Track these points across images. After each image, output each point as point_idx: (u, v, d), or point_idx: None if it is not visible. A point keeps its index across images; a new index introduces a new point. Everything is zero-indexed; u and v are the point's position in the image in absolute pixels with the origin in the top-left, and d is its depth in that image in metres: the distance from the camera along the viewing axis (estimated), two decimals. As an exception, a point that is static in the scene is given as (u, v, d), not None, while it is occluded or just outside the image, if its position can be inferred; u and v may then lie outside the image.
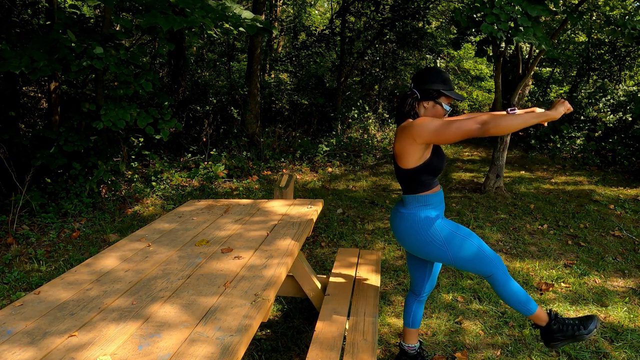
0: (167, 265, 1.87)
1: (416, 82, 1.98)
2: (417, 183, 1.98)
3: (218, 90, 9.28)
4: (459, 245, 1.94)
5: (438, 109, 1.96)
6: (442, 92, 1.94)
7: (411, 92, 1.98)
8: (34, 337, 1.36)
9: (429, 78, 1.95)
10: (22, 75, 5.55)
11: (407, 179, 1.99)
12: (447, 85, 1.95)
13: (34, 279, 3.40)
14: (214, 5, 4.29)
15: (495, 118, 1.72)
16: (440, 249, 1.96)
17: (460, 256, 1.94)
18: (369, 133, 9.53)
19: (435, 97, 1.95)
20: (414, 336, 2.32)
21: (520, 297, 1.96)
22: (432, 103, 1.96)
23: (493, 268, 1.94)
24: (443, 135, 1.80)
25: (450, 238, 1.95)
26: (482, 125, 1.73)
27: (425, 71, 1.98)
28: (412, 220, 1.99)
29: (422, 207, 2.00)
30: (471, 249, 1.94)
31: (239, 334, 1.34)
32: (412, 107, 1.97)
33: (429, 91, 1.95)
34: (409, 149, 1.91)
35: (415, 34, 9.95)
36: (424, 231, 1.97)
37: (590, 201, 5.48)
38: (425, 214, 1.99)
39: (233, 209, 2.71)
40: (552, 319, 1.99)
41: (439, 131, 1.80)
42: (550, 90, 11.85)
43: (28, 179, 4.56)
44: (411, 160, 1.93)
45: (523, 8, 4.10)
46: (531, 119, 1.73)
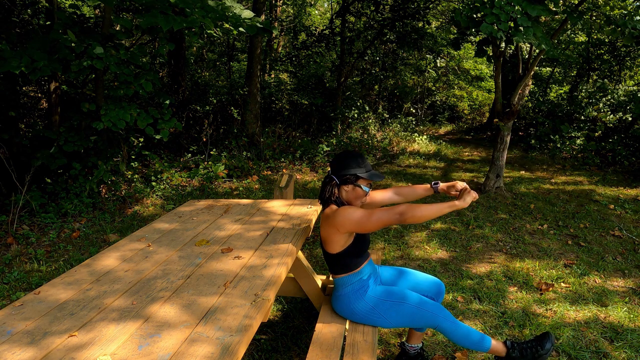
0: (167, 265, 1.87)
1: (333, 169, 2.08)
2: (344, 266, 2.09)
3: (218, 90, 9.29)
4: (396, 311, 2.04)
5: (358, 191, 2.06)
6: (359, 176, 2.03)
7: (330, 178, 2.08)
8: (33, 337, 1.36)
9: (345, 164, 2.05)
10: (22, 75, 5.55)
11: (334, 262, 2.10)
12: (363, 168, 2.05)
13: (34, 279, 3.40)
14: (214, 5, 4.29)
15: (412, 209, 1.86)
16: (381, 319, 2.06)
17: (402, 319, 2.05)
18: (369, 133, 9.53)
19: (353, 182, 2.04)
20: (419, 338, 2.33)
21: (472, 338, 2.04)
22: (351, 187, 2.05)
23: (437, 320, 2.03)
24: (365, 226, 1.93)
25: (385, 308, 2.05)
26: (400, 216, 1.87)
27: (341, 157, 2.08)
28: (346, 301, 2.10)
29: (350, 287, 2.10)
30: (409, 311, 2.03)
31: (239, 334, 1.34)
32: (332, 193, 2.07)
33: (346, 177, 2.04)
34: (333, 237, 2.03)
35: (415, 34, 9.95)
36: (360, 309, 2.08)
37: (590, 201, 5.48)
38: (355, 294, 2.09)
39: (233, 209, 2.71)
40: (509, 347, 2.06)
41: (360, 222, 1.92)
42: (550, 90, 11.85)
43: (28, 179, 4.56)
44: (336, 246, 2.05)
45: (523, 8, 4.10)
46: (443, 209, 1.88)
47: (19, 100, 5.91)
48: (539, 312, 2.93)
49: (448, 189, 2.12)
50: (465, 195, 1.93)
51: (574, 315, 2.90)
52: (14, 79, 5.39)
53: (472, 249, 3.99)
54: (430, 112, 13.87)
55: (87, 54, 4.32)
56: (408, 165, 7.80)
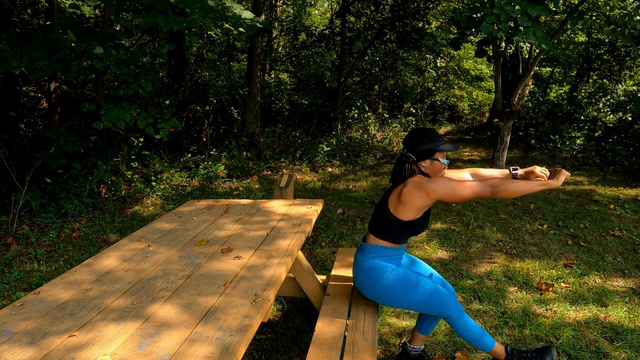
0: (167, 265, 1.87)
1: (408, 146, 2.05)
2: (391, 233, 2.07)
3: (218, 90, 9.28)
4: (413, 294, 2.04)
5: (436, 164, 2.03)
6: (436, 149, 2.01)
7: (406, 157, 2.04)
8: (34, 337, 1.36)
9: (419, 139, 2.02)
10: (22, 75, 5.55)
11: (389, 226, 2.06)
12: (439, 141, 2.02)
13: (34, 279, 3.40)
14: (214, 5, 4.29)
15: (505, 183, 1.87)
16: (397, 298, 2.06)
17: (416, 302, 2.05)
18: (369, 133, 9.53)
19: (430, 156, 2.01)
20: (421, 340, 2.33)
21: (477, 335, 2.05)
22: (429, 161, 2.02)
23: (448, 309, 2.04)
24: (458, 193, 1.91)
25: (404, 288, 2.04)
26: (492, 188, 1.87)
27: (414, 133, 2.05)
28: (369, 272, 2.09)
29: (378, 257, 2.09)
30: (424, 295, 2.03)
31: (239, 334, 1.34)
32: (412, 170, 2.03)
33: (423, 152, 2.02)
34: (417, 202, 1.97)
35: (415, 34, 9.95)
36: (380, 283, 2.07)
37: (590, 201, 5.48)
38: (380, 266, 2.08)
39: (233, 209, 2.71)
40: (509, 353, 2.07)
41: (455, 189, 1.90)
42: (550, 90, 11.85)
43: (28, 179, 4.56)
44: (410, 214, 2.01)
45: (523, 8, 4.10)
46: (535, 186, 1.89)
47: (19, 100, 5.91)
48: (539, 312, 2.93)
49: (528, 175, 2.05)
50: (559, 175, 1.92)
51: (574, 315, 2.90)
52: (14, 79, 5.39)
53: (472, 249, 3.99)
54: (430, 112, 13.87)
55: (87, 54, 4.32)
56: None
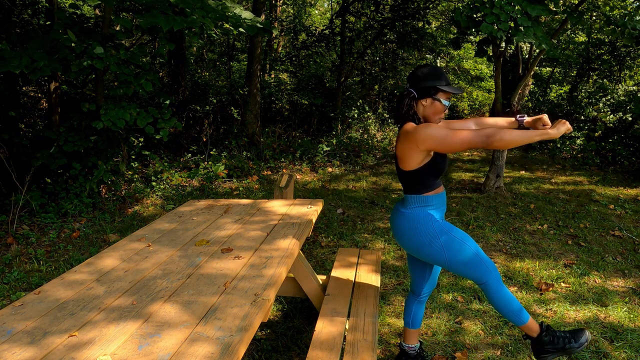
0: (167, 265, 1.87)
1: (411, 82, 1.97)
2: (419, 184, 1.98)
3: (218, 90, 9.28)
4: (457, 249, 1.94)
5: (437, 105, 1.95)
6: (439, 88, 1.93)
7: (407, 91, 1.97)
8: (34, 337, 1.36)
9: (423, 76, 1.94)
10: (22, 75, 5.55)
11: (409, 179, 1.99)
12: (443, 81, 1.94)
13: (34, 279, 3.40)
14: (214, 6, 4.29)
15: (500, 132, 1.74)
16: (438, 251, 1.95)
17: (457, 260, 1.94)
18: (369, 133, 9.52)
19: (432, 94, 1.94)
20: (414, 336, 2.32)
21: (512, 307, 1.94)
22: (430, 100, 1.94)
23: (487, 275, 1.94)
24: (447, 145, 1.81)
25: (448, 241, 1.94)
26: (487, 138, 1.75)
27: (419, 69, 1.97)
28: (412, 220, 1.99)
29: (423, 207, 2.00)
30: (468, 254, 1.93)
31: (239, 334, 1.34)
32: (410, 106, 1.96)
33: (425, 89, 1.93)
34: (411, 153, 1.91)
35: (415, 34, 9.95)
36: (423, 232, 1.97)
37: (590, 201, 5.48)
38: (425, 214, 1.98)
39: (233, 209, 2.71)
40: (544, 330, 1.98)
41: (444, 141, 1.81)
42: (550, 90, 11.84)
43: (28, 179, 4.56)
44: (413, 163, 1.94)
45: (523, 8, 4.10)
46: (533, 136, 1.76)
47: (19, 100, 5.91)
48: (539, 312, 2.93)
49: (535, 123, 1.96)
50: (559, 125, 1.80)
51: (574, 315, 2.90)
52: (14, 79, 5.39)
53: (472, 249, 3.99)
54: (430, 112, 13.84)
55: (87, 54, 4.32)
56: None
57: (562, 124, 1.80)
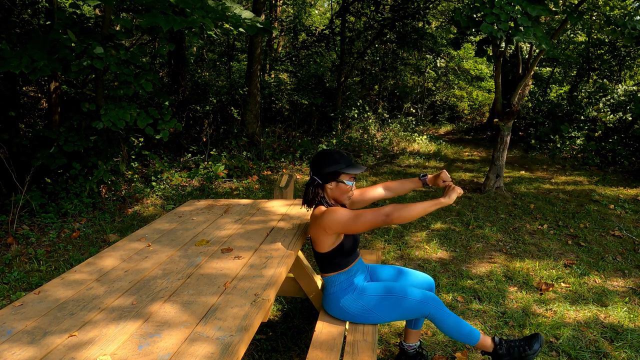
0: (167, 265, 1.87)
1: (313, 169, 2.07)
2: (333, 265, 2.10)
3: (218, 90, 9.28)
4: (387, 306, 2.05)
5: (342, 186, 2.06)
6: (340, 172, 2.04)
7: (312, 179, 2.08)
8: (34, 337, 1.36)
9: (323, 162, 2.05)
10: (22, 75, 5.55)
11: (324, 261, 2.11)
12: (342, 163, 2.04)
13: (34, 279, 3.40)
14: (214, 6, 4.29)
15: (398, 209, 1.88)
16: (375, 316, 2.06)
17: (395, 313, 2.05)
18: (369, 133, 9.53)
19: (335, 178, 2.05)
20: (415, 336, 2.33)
21: (461, 330, 2.03)
22: (334, 183, 2.05)
23: (428, 308, 2.03)
24: (352, 228, 1.94)
25: (377, 304, 2.06)
26: (386, 217, 1.88)
27: (319, 157, 2.08)
28: (337, 303, 2.11)
29: (340, 286, 2.11)
30: (400, 303, 2.03)
31: (239, 334, 1.34)
32: (316, 193, 2.07)
33: (327, 174, 2.04)
34: (321, 237, 2.04)
35: (415, 34, 9.95)
36: (349, 307, 2.09)
37: (590, 201, 5.48)
38: (345, 292, 2.10)
39: (233, 209, 2.71)
40: (497, 344, 2.06)
41: (347, 224, 1.94)
42: (550, 90, 11.85)
43: (28, 179, 4.56)
44: (325, 246, 2.05)
45: (523, 8, 4.10)
46: (429, 207, 1.89)
47: (19, 100, 5.91)
48: (539, 312, 2.93)
49: (436, 180, 2.14)
50: (450, 192, 1.93)
51: (574, 315, 2.90)
52: (14, 79, 5.39)
53: (472, 249, 3.99)
54: (430, 112, 13.87)
55: (87, 54, 4.32)
56: (408, 165, 7.80)
57: (453, 190, 1.94)
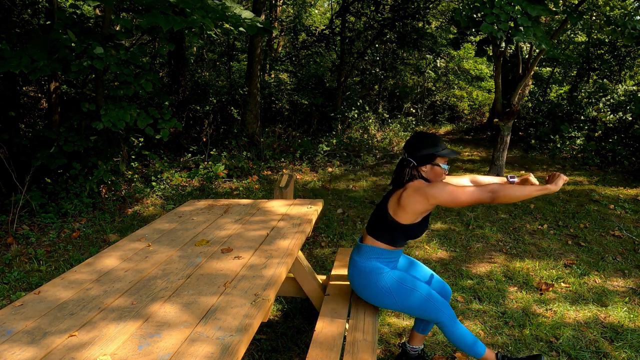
0: (167, 265, 1.87)
1: (409, 151, 2.05)
2: (391, 236, 2.06)
3: (218, 90, 9.29)
4: (407, 296, 2.04)
5: (437, 169, 2.03)
6: (437, 155, 2.01)
7: (407, 161, 2.04)
8: (34, 337, 1.36)
9: (420, 144, 2.02)
10: (22, 75, 5.55)
11: (388, 228, 2.05)
12: (439, 147, 2.03)
13: (34, 279, 3.40)
14: (214, 5, 4.29)
15: (504, 189, 1.89)
16: (389, 299, 2.06)
17: (409, 305, 2.05)
18: (369, 133, 9.52)
19: (431, 161, 2.01)
20: (420, 340, 2.33)
21: (468, 341, 2.05)
22: (429, 166, 2.03)
23: (440, 315, 2.04)
24: (458, 198, 1.92)
25: (398, 291, 2.04)
26: (492, 194, 1.89)
27: (415, 138, 2.05)
28: (362, 272, 2.09)
29: (374, 258, 2.09)
30: (418, 299, 2.04)
31: (239, 334, 1.34)
32: (412, 175, 2.03)
33: (424, 157, 2.02)
34: (416, 206, 1.97)
35: (415, 34, 9.95)
36: (373, 283, 2.07)
37: (590, 201, 5.48)
38: (376, 265, 2.08)
39: (233, 209, 2.71)
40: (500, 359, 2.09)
41: (454, 194, 1.91)
42: (550, 90, 11.85)
43: (28, 179, 4.56)
44: (408, 217, 2.00)
45: (523, 8, 4.10)
46: (534, 191, 1.92)
47: (19, 100, 5.91)
48: (539, 312, 2.93)
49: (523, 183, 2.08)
50: (557, 179, 1.94)
51: (574, 315, 2.90)
52: (14, 79, 5.39)
53: (472, 249, 3.99)
54: (430, 112, 13.87)
55: (87, 54, 4.32)
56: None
57: (560, 178, 1.95)
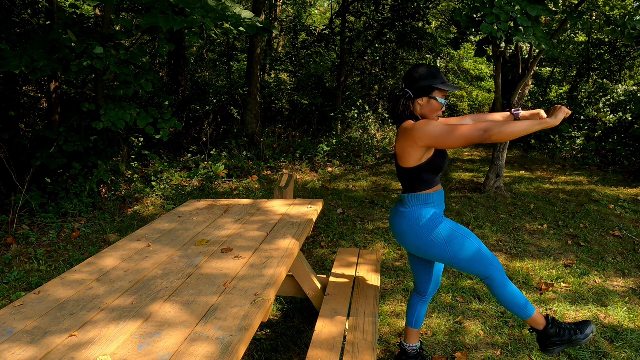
0: (167, 265, 1.87)
1: (407, 82, 1.97)
2: (418, 181, 1.98)
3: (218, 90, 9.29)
4: (460, 245, 1.93)
5: (433, 103, 1.95)
6: (435, 87, 1.93)
7: (403, 92, 1.97)
8: (34, 337, 1.36)
9: (419, 76, 1.94)
10: (22, 75, 5.55)
11: (408, 177, 1.99)
12: (438, 79, 1.94)
13: (34, 279, 3.40)
14: (214, 5, 4.29)
15: (498, 125, 1.74)
16: (441, 248, 1.95)
17: (460, 256, 1.94)
18: (369, 133, 9.52)
19: (428, 93, 1.93)
20: (415, 336, 2.32)
21: (518, 301, 1.94)
22: (426, 99, 1.94)
23: (492, 269, 1.93)
24: (445, 142, 1.82)
25: (450, 237, 1.94)
26: (484, 132, 1.75)
27: (414, 69, 1.97)
28: (412, 219, 1.98)
29: (422, 205, 1.99)
30: (471, 250, 1.93)
31: (239, 334, 1.34)
32: (407, 107, 1.96)
33: (421, 88, 1.93)
34: (410, 150, 1.91)
35: (415, 34, 9.95)
36: (424, 230, 1.96)
37: (590, 201, 5.48)
38: (425, 212, 1.98)
39: (233, 209, 2.71)
40: (550, 322, 1.98)
41: (441, 137, 1.81)
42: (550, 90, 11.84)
43: (28, 179, 4.56)
44: (412, 160, 1.94)
45: (523, 8, 4.10)
46: (533, 126, 1.75)
47: (19, 100, 5.91)
48: (539, 312, 2.93)
49: (532, 117, 1.97)
50: (557, 112, 1.80)
51: (574, 315, 2.90)
52: (14, 79, 5.39)
53: (472, 249, 3.99)
54: (430, 112, 13.84)
55: (87, 54, 4.32)
56: (408, 165, 7.79)
57: (560, 110, 1.80)
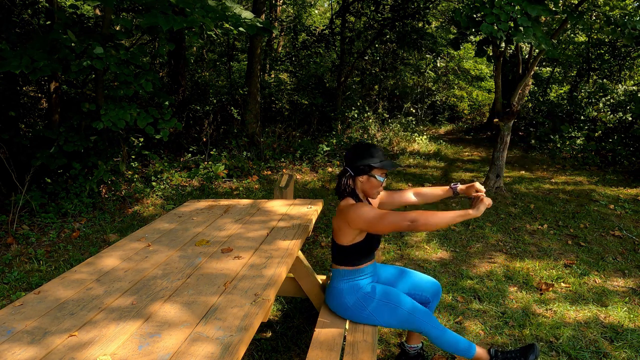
0: (167, 265, 1.87)
1: (348, 161, 2.08)
2: (346, 259, 2.10)
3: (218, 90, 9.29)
4: (389, 314, 2.05)
5: (373, 181, 2.05)
6: (373, 166, 2.04)
7: (344, 170, 2.09)
8: (34, 337, 1.36)
9: (358, 155, 2.05)
10: (22, 75, 5.55)
11: (339, 253, 2.11)
12: (376, 158, 2.05)
13: (34, 279, 3.40)
14: (214, 5, 4.29)
15: (425, 216, 1.85)
16: (371, 317, 2.07)
17: (392, 322, 2.05)
18: (369, 133, 9.52)
19: (367, 172, 2.04)
20: (417, 338, 2.33)
21: (459, 345, 2.04)
22: (366, 177, 2.06)
23: (425, 326, 2.03)
24: (375, 227, 1.93)
25: (377, 308, 2.06)
26: (411, 223, 1.86)
27: (354, 148, 2.08)
28: (338, 296, 2.11)
29: (347, 281, 2.11)
30: (401, 316, 2.04)
31: (239, 334, 1.34)
32: (347, 185, 2.07)
33: (360, 168, 2.04)
34: (344, 229, 2.04)
35: (415, 34, 9.95)
36: (350, 304, 2.09)
37: (590, 201, 5.48)
38: (350, 287, 2.10)
39: (233, 209, 2.71)
40: (492, 356, 2.08)
41: (371, 222, 1.93)
42: (550, 90, 11.84)
43: (28, 179, 4.56)
44: (346, 239, 2.06)
45: (523, 8, 4.10)
46: (456, 217, 1.86)
47: (19, 100, 5.91)
48: (539, 312, 2.93)
49: (468, 190, 2.10)
50: (478, 204, 1.90)
51: (574, 315, 2.90)
52: (14, 79, 5.39)
53: (472, 249, 3.99)
54: (430, 112, 13.87)
55: (87, 54, 4.32)
56: (408, 165, 7.80)
57: (481, 203, 1.91)
